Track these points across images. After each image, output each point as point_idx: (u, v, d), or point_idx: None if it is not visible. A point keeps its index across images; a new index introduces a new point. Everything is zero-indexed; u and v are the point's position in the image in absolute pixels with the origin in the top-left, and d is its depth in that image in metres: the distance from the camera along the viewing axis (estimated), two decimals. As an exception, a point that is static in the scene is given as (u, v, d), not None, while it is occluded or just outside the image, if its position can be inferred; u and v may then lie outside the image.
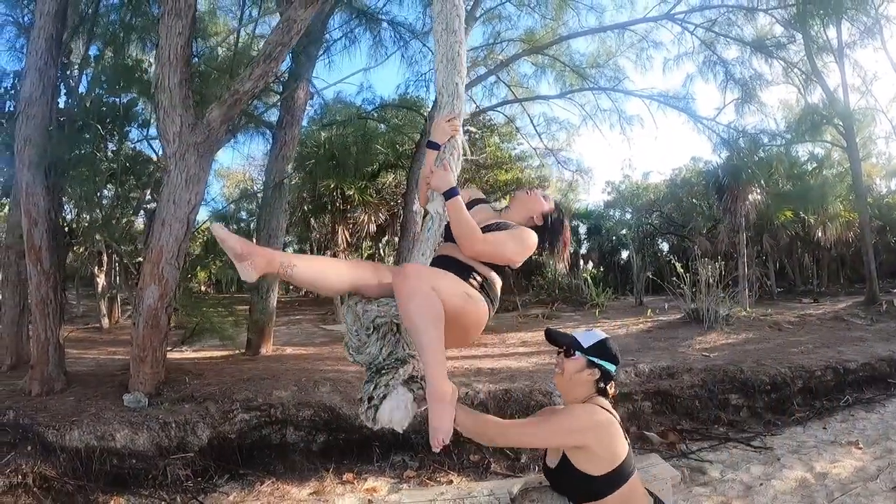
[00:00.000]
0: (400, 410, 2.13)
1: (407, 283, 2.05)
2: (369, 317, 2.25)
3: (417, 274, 2.10)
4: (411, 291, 2.03)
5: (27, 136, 6.78)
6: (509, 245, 2.48)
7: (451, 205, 2.41)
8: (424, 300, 2.02)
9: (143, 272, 6.63)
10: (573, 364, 2.36)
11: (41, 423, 5.65)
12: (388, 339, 2.27)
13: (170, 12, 6.07)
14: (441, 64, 2.52)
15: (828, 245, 22.15)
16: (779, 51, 14.48)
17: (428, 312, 2.02)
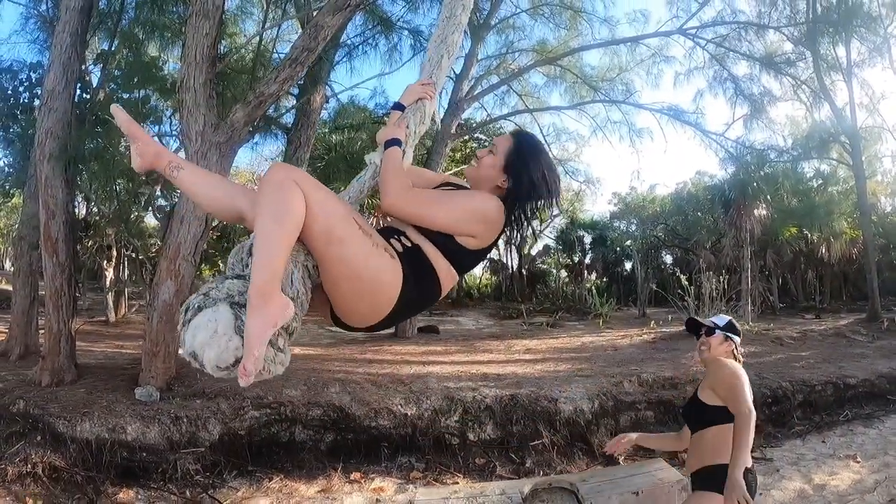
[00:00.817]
0: (206, 331, 1.52)
1: (267, 174, 1.70)
2: (247, 246, 1.76)
3: (285, 167, 1.74)
4: (267, 180, 1.66)
5: (49, 128, 6.88)
6: (440, 204, 1.99)
7: (387, 153, 2.04)
8: (277, 189, 1.62)
9: (159, 268, 6.71)
10: (716, 339, 3.07)
11: (51, 413, 5.73)
12: None
13: (198, 13, 6.17)
14: (433, 43, 2.54)
15: (831, 262, 22.18)
16: (788, 68, 14.59)
17: (275, 202, 1.61)
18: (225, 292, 1.59)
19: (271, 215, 1.60)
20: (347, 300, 1.87)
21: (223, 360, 1.54)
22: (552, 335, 14.00)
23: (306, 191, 1.65)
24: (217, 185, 1.99)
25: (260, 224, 1.60)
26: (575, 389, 7.22)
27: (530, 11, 14.58)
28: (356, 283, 1.79)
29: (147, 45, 9.40)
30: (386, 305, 1.87)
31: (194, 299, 1.60)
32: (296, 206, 1.62)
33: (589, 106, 15.74)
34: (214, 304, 1.56)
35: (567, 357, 10.16)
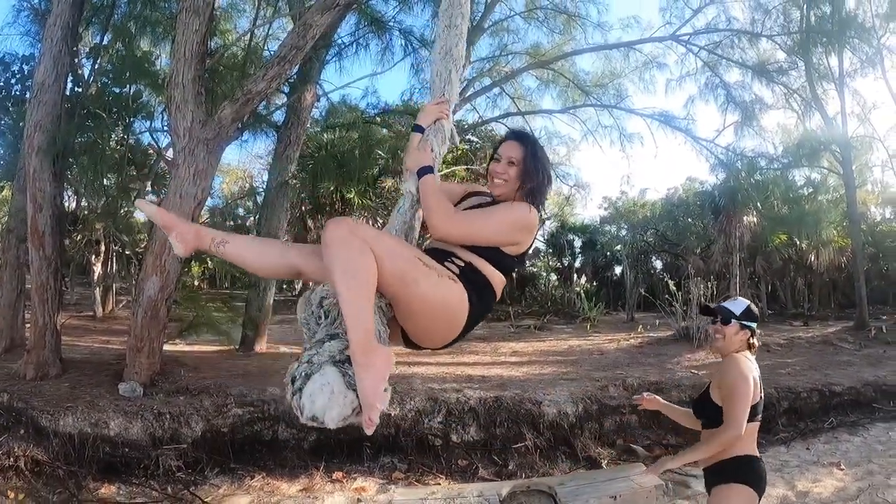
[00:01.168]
0: (323, 395, 1.62)
1: (328, 232, 1.76)
2: (316, 299, 1.90)
3: (345, 223, 1.80)
4: (331, 239, 1.73)
5: (38, 121, 6.86)
6: (490, 224, 2.13)
7: (423, 183, 2.15)
8: (345, 246, 1.71)
9: (145, 263, 6.70)
10: (731, 329, 2.91)
11: (35, 407, 5.72)
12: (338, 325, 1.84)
13: (188, 9, 6.16)
14: (438, 55, 2.55)
15: (820, 270, 22.28)
16: (780, 76, 14.65)
17: (347, 260, 1.70)
18: (326, 355, 1.70)
19: (347, 275, 1.69)
20: (423, 328, 2.02)
21: (345, 415, 1.65)
22: (539, 338, 14.02)
23: (371, 243, 1.75)
24: (264, 250, 2.13)
25: (339, 285, 1.69)
26: (559, 392, 7.24)
27: (524, 14, 14.62)
28: (431, 313, 1.95)
29: (139, 40, 9.38)
30: (458, 325, 2.03)
31: (298, 369, 1.69)
32: (367, 262, 1.72)
33: (581, 110, 15.80)
34: (320, 368, 1.66)
35: (553, 360, 10.18)
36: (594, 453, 6.59)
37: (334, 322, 1.83)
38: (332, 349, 1.71)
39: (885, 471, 6.11)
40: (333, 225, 1.78)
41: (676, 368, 9.35)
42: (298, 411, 1.64)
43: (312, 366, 1.67)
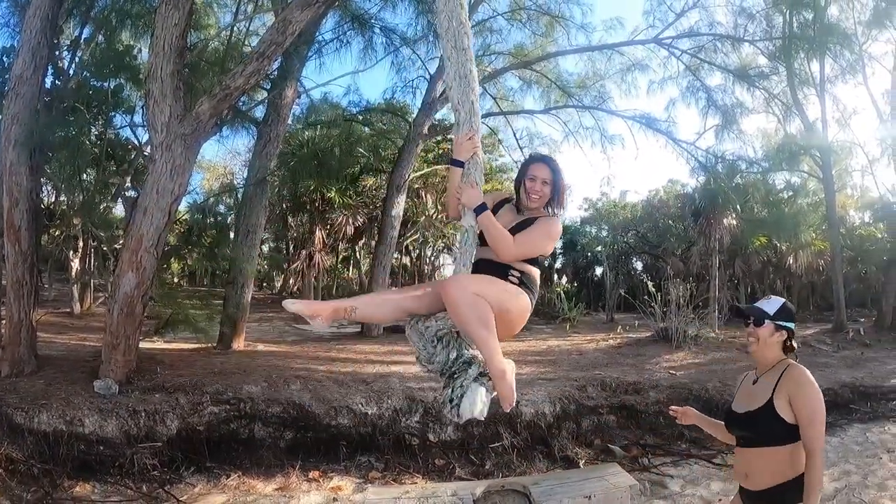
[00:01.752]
0: (478, 404, 2.40)
1: (451, 294, 2.35)
2: (431, 332, 2.56)
3: (458, 284, 2.40)
4: (456, 301, 2.34)
5: (15, 114, 6.77)
6: (538, 242, 2.71)
7: (483, 220, 2.62)
8: (470, 305, 2.33)
9: (121, 259, 6.64)
10: (765, 331, 2.69)
11: (10, 404, 5.66)
12: (452, 346, 2.55)
13: (167, 3, 6.10)
14: (454, 81, 2.57)
15: (799, 272, 22.55)
16: (761, 80, 14.74)
17: (475, 314, 2.33)
18: (472, 377, 2.45)
19: (482, 325, 2.34)
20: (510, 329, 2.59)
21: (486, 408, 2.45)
22: (518, 338, 14.02)
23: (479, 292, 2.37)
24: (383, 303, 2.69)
25: (478, 333, 2.35)
26: (537, 392, 7.27)
27: (507, 15, 14.61)
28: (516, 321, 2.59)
29: (120, 33, 9.27)
30: (525, 317, 2.65)
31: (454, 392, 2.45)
32: (489, 312, 2.36)
33: (562, 111, 15.80)
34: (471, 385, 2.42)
35: (531, 360, 10.21)
36: (571, 453, 6.61)
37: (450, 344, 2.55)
38: (473, 373, 2.45)
39: (861, 471, 6.19)
40: (445, 291, 2.39)
41: (655, 369, 9.42)
42: (458, 417, 2.41)
43: (464, 388, 2.42)
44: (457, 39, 2.56)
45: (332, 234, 21.19)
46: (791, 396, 2.51)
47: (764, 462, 2.59)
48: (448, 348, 2.55)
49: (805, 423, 2.46)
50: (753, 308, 2.75)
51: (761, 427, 2.59)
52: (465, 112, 2.60)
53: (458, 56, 2.56)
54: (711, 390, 7.98)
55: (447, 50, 2.59)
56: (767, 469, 2.58)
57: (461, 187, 2.69)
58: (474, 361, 2.51)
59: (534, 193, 2.79)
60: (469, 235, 2.63)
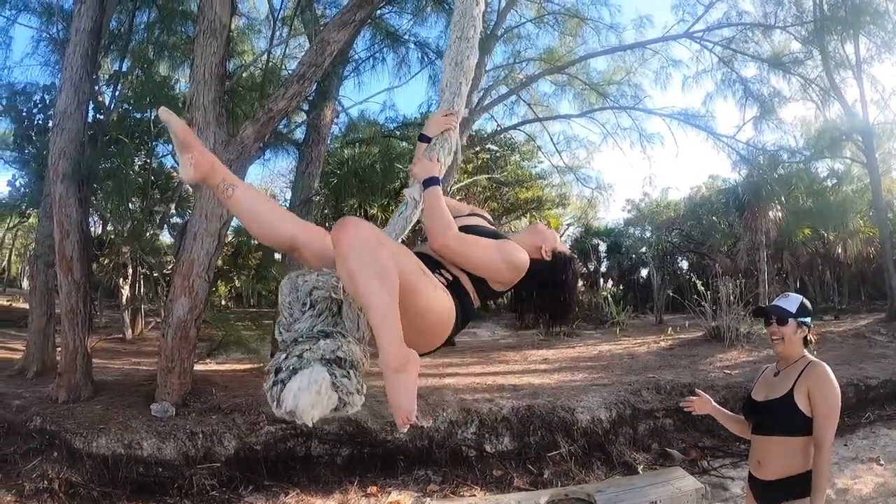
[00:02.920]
0: (309, 393, 1.63)
1: (345, 233, 1.66)
2: (306, 288, 1.85)
3: (359, 223, 1.72)
4: (350, 239, 1.65)
5: (62, 149, 6.96)
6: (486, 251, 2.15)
7: (429, 193, 2.16)
8: (369, 250, 1.63)
9: (173, 284, 6.74)
10: (789, 329, 2.73)
11: (68, 429, 5.77)
12: (324, 319, 1.83)
13: (205, 32, 6.23)
14: (448, 66, 2.53)
15: (848, 262, 21.97)
16: (796, 67, 14.46)
17: (373, 262, 1.62)
18: (319, 353, 1.68)
19: (379, 280, 1.63)
20: (415, 334, 1.88)
21: (324, 413, 1.67)
22: (568, 344, 13.93)
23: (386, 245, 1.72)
24: (271, 210, 2.01)
25: (369, 291, 1.63)
26: (592, 399, 7.17)
27: (535, 21, 14.58)
28: (422, 322, 1.91)
29: (158, 65, 9.51)
30: (444, 336, 2.04)
31: (287, 361, 1.68)
32: (390, 265, 1.65)
33: (599, 113, 15.69)
34: (310, 366, 1.65)
35: (584, 366, 10.09)
36: (629, 458, 6.50)
37: (321, 315, 1.81)
38: (325, 348, 1.70)
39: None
40: (353, 225, 1.69)
41: (709, 369, 9.22)
42: (275, 402, 1.64)
43: (302, 361, 1.66)
44: (464, 30, 2.53)
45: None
46: (811, 391, 2.60)
47: (778, 451, 2.67)
48: (317, 319, 1.81)
49: (820, 419, 2.56)
50: (776, 307, 2.82)
51: (778, 415, 2.69)
52: (450, 92, 2.50)
53: (459, 44, 2.52)
54: (769, 388, 7.77)
55: (452, 39, 2.56)
56: (780, 459, 2.66)
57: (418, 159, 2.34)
58: (335, 337, 1.76)
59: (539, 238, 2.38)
60: (408, 208, 2.25)
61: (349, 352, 1.74)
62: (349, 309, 1.83)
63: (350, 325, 1.82)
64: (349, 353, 1.74)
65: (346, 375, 1.71)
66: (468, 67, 2.52)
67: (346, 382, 1.69)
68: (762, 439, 2.75)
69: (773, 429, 2.70)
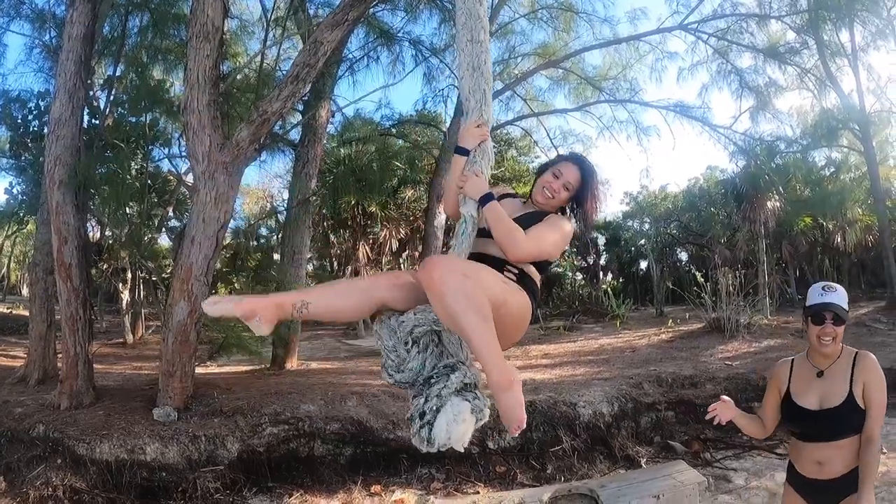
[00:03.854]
0: (458, 424, 1.83)
1: (435, 275, 1.81)
2: (406, 328, 2.02)
3: (443, 263, 1.91)
4: (441, 281, 1.79)
5: (57, 155, 6.94)
6: (550, 239, 2.33)
7: (490, 211, 2.24)
8: (460, 286, 1.78)
9: (172, 289, 6.74)
10: (843, 329, 2.56)
11: (71, 436, 5.77)
12: (431, 351, 2.03)
13: (197, 35, 6.20)
14: (467, 72, 2.49)
15: (848, 250, 21.98)
16: (792, 56, 14.37)
17: (466, 298, 1.77)
18: (453, 388, 1.91)
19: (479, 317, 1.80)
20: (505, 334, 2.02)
21: (469, 435, 1.91)
22: (569, 339, 13.96)
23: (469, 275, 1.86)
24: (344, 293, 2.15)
25: (472, 326, 1.79)
26: (594, 393, 7.18)
27: (529, 16, 14.55)
28: (512, 322, 2.09)
29: (152, 69, 9.49)
30: (525, 327, 2.23)
31: (427, 404, 1.90)
32: (480, 294, 1.83)
33: (594, 107, 15.62)
34: (450, 401, 1.87)
35: (585, 360, 10.11)
36: (632, 452, 6.53)
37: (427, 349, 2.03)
38: (456, 381, 1.92)
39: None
40: (439, 265, 1.87)
41: (710, 361, 9.26)
42: (425, 442, 1.86)
43: (442, 399, 1.87)
44: (473, 32, 2.51)
45: (375, 249, 21.30)
46: (866, 385, 2.45)
47: (840, 452, 2.48)
48: (425, 353, 2.01)
49: (875, 412, 2.43)
50: (839, 308, 2.53)
51: (844, 421, 2.48)
52: (475, 101, 2.47)
53: (472, 48, 2.50)
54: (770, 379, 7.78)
55: (462, 42, 2.54)
56: (847, 456, 2.47)
57: (465, 176, 2.36)
58: (458, 368, 1.97)
59: (548, 190, 2.47)
60: (468, 226, 2.32)
61: (472, 375, 1.98)
62: (449, 336, 2.04)
63: (455, 350, 2.05)
64: (473, 377, 1.97)
65: (477, 397, 1.93)
66: (487, 71, 2.50)
67: (479, 403, 1.92)
68: (822, 445, 2.54)
69: (838, 434, 2.50)
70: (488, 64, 2.52)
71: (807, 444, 2.59)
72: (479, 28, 2.51)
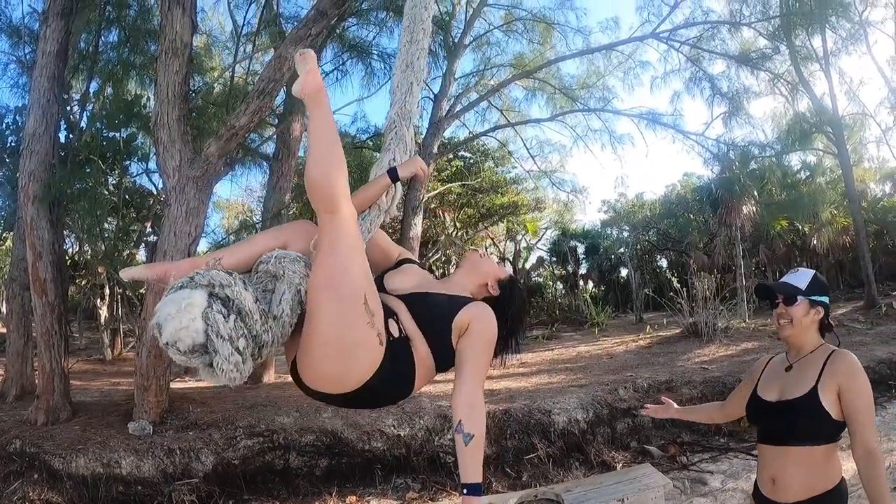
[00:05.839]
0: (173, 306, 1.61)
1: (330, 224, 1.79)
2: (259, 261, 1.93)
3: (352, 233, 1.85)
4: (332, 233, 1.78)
5: (31, 171, 6.96)
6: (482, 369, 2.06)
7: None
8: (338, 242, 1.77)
9: (146, 303, 6.75)
10: (798, 310, 2.29)
11: (47, 451, 5.78)
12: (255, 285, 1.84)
13: (167, 51, 6.27)
14: (400, 68, 2.61)
15: (824, 252, 22.24)
16: (764, 62, 14.58)
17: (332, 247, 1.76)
18: (206, 280, 1.67)
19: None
20: (314, 355, 1.82)
21: (180, 337, 1.60)
22: (548, 347, 14.00)
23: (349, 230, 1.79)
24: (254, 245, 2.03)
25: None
26: (569, 400, 7.24)
27: (503, 28, 14.70)
28: (331, 343, 1.77)
29: (127, 84, 9.50)
30: (349, 383, 1.86)
31: (181, 279, 1.68)
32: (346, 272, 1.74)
33: (569, 116, 15.75)
34: (194, 287, 1.63)
35: (562, 368, 10.17)
36: (608, 458, 6.57)
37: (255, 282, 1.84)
38: (216, 279, 1.68)
39: (908, 448, 6.06)
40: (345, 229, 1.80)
41: (687, 365, 9.35)
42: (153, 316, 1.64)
43: (190, 281, 1.67)
44: (414, 34, 2.64)
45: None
46: (842, 389, 2.16)
47: (797, 464, 2.20)
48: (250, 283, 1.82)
49: (861, 420, 2.14)
50: (782, 284, 2.35)
51: (799, 419, 2.20)
52: (401, 93, 2.57)
53: (409, 48, 2.62)
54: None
55: (402, 43, 2.66)
56: (801, 474, 2.19)
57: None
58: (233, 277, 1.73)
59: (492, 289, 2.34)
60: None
61: (239, 295, 1.69)
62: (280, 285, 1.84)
63: (273, 298, 1.82)
64: (238, 297, 1.68)
65: (224, 315, 1.65)
66: (419, 68, 2.60)
67: (220, 320, 1.63)
68: (776, 450, 2.27)
69: (792, 436, 2.22)
70: (421, 61, 2.62)
71: (763, 447, 2.34)
72: (419, 30, 2.64)
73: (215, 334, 1.62)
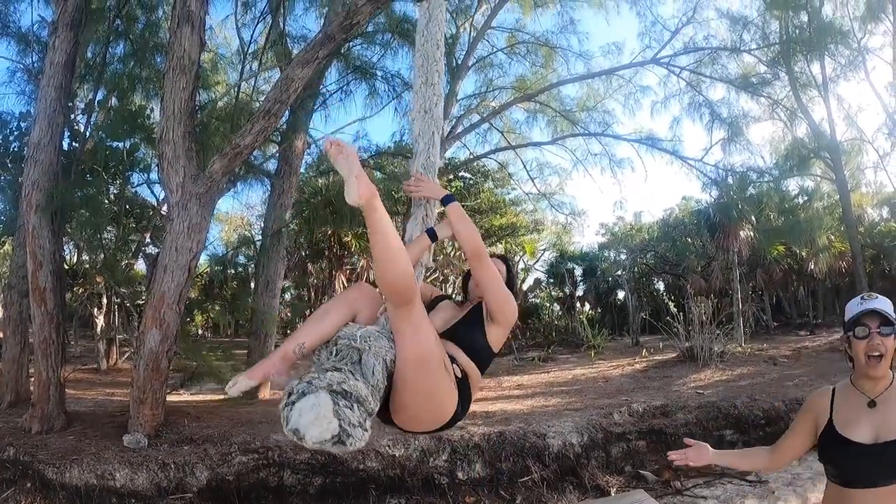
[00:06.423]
0: (311, 414, 1.78)
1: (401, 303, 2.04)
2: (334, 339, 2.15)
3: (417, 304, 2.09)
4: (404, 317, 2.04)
5: (35, 180, 6.99)
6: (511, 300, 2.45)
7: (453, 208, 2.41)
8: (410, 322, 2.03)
9: (144, 316, 6.76)
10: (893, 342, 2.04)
11: (41, 460, 5.77)
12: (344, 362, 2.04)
13: (174, 68, 6.32)
14: (419, 114, 2.62)
15: (821, 276, 22.27)
16: (763, 88, 14.70)
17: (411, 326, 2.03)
18: (325, 382, 1.87)
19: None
20: (409, 408, 2.18)
21: (323, 438, 1.80)
22: (543, 369, 13.99)
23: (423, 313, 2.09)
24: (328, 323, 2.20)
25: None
26: (564, 423, 7.23)
27: (507, 50, 14.82)
28: (428, 399, 2.16)
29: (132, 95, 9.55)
30: (439, 423, 2.24)
31: (298, 386, 1.87)
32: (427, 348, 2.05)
33: (569, 140, 15.88)
34: (316, 391, 1.84)
35: (557, 391, 10.17)
36: (602, 482, 6.56)
37: (343, 360, 2.02)
38: (332, 379, 1.88)
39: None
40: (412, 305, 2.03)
41: (682, 390, 9.35)
42: (285, 422, 1.81)
43: (310, 386, 1.84)
44: (428, 76, 2.64)
45: (353, 279, 21.29)
46: None
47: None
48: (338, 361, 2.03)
49: None
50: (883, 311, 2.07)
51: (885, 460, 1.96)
52: (423, 143, 2.60)
53: (426, 91, 2.62)
54: (741, 407, 7.89)
55: (417, 85, 2.67)
56: None
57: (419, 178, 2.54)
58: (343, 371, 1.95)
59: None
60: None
61: (354, 387, 1.92)
62: (367, 358, 2.05)
63: (366, 372, 2.02)
64: (354, 389, 1.91)
65: (350, 407, 1.86)
66: (438, 115, 2.62)
67: (348, 413, 1.84)
68: (879, 493, 1.98)
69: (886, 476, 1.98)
70: (439, 107, 2.63)
71: (853, 492, 2.04)
72: (434, 72, 2.64)
73: (349, 425, 1.85)
